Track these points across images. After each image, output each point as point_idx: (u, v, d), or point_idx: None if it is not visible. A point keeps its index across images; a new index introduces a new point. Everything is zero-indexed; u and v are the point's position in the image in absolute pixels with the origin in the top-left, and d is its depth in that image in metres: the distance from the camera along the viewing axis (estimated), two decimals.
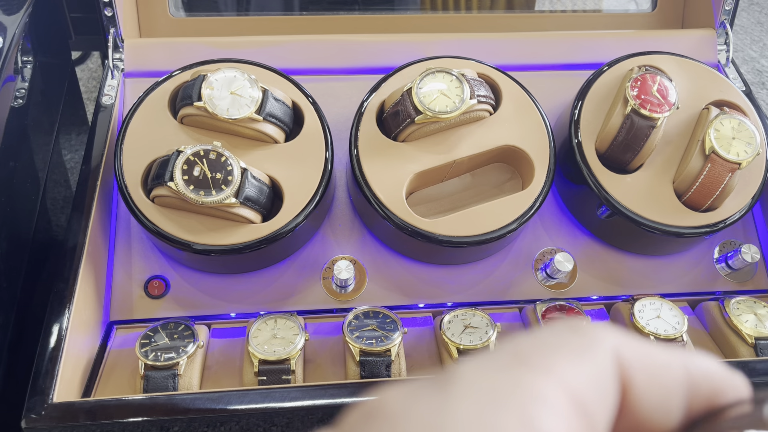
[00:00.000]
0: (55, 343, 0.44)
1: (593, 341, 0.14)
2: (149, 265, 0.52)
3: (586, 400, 0.13)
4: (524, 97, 0.53)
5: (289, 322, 0.47)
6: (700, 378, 0.14)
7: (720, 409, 0.14)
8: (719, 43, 0.63)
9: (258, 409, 0.41)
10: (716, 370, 0.15)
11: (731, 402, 0.14)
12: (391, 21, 0.64)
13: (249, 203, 0.47)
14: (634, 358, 0.14)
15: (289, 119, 0.51)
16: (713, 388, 0.14)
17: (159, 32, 0.61)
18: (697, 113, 0.54)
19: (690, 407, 0.14)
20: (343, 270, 0.50)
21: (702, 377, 0.14)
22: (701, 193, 0.51)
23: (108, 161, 0.53)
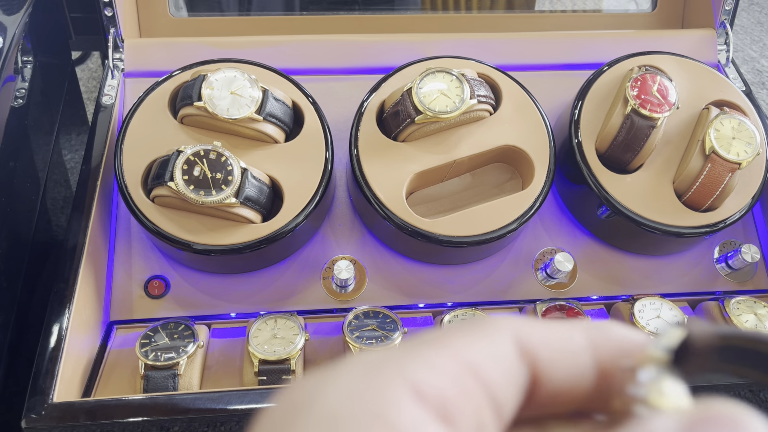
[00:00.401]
0: (56, 343, 0.44)
1: (492, 327, 0.15)
2: (149, 265, 0.52)
3: (484, 371, 0.14)
4: (524, 97, 0.53)
5: (289, 322, 0.47)
6: (605, 341, 0.15)
7: (627, 369, 0.15)
8: (719, 43, 0.63)
9: (258, 409, 0.41)
10: (620, 332, 0.16)
11: (637, 362, 0.15)
12: (391, 21, 0.64)
13: (249, 203, 0.47)
14: (535, 336, 0.15)
15: (289, 119, 0.51)
16: (618, 348, 0.15)
17: (159, 32, 0.61)
18: (697, 113, 0.54)
19: (601, 370, 0.15)
20: (343, 270, 0.50)
21: (606, 340, 0.15)
22: (701, 193, 0.51)
23: (108, 161, 0.53)
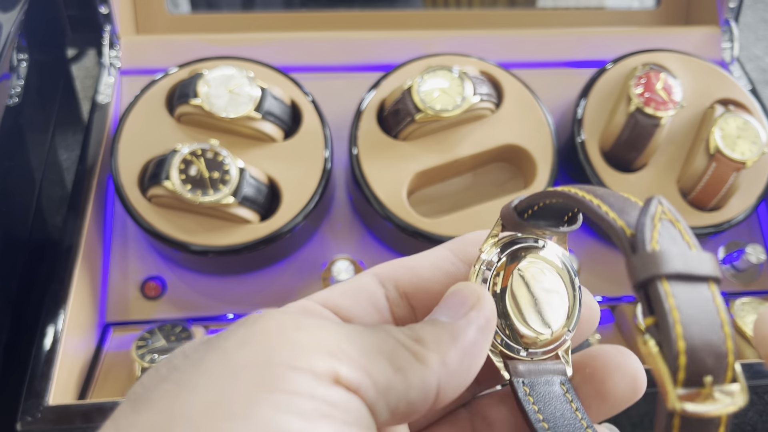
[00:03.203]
0: (51, 345, 0.43)
1: (359, 273, 0.20)
2: (146, 265, 0.51)
3: (327, 300, 0.18)
4: (527, 95, 0.53)
5: None
6: (464, 245, 0.20)
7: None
8: (724, 41, 0.62)
9: None
10: (477, 235, 0.20)
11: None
12: (392, 17, 0.63)
13: (247, 203, 0.46)
14: (393, 267, 0.19)
15: (287, 117, 0.51)
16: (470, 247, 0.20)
17: (156, 29, 0.61)
18: (701, 112, 0.53)
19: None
20: (342, 271, 0.49)
21: (464, 244, 0.20)
22: (706, 193, 0.51)
23: (104, 160, 0.52)
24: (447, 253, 0.20)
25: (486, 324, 0.17)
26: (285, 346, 0.15)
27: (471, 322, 0.17)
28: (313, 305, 0.18)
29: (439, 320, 0.17)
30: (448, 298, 0.18)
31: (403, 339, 0.16)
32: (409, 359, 0.16)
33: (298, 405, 0.14)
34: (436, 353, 0.16)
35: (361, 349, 0.16)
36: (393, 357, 0.16)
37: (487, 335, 0.17)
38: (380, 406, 0.15)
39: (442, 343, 0.17)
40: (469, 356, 0.17)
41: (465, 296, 0.18)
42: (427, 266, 0.20)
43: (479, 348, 0.17)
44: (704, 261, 0.14)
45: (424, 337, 0.17)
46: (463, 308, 0.17)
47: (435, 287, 0.19)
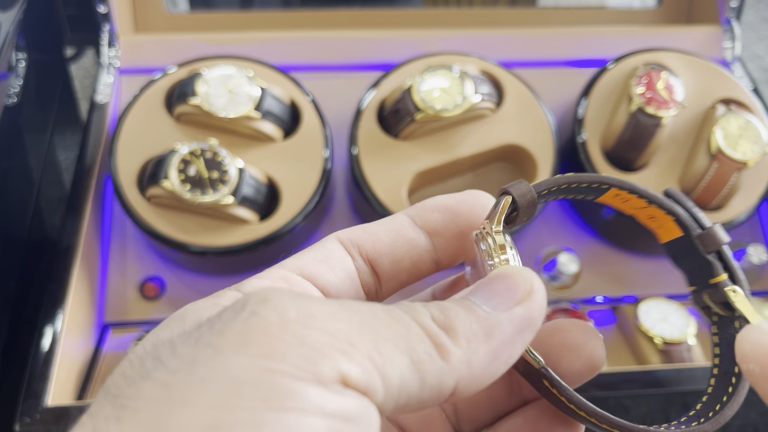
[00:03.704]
0: (49, 345, 0.43)
1: (320, 240, 0.19)
2: (144, 266, 0.51)
3: (308, 269, 0.17)
4: (527, 94, 0.52)
5: None
6: (422, 212, 0.19)
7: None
8: (725, 40, 0.62)
9: None
10: (433, 201, 0.19)
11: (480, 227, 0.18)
12: (392, 16, 0.63)
13: (246, 203, 0.46)
14: (355, 232, 0.19)
15: (287, 117, 0.51)
16: (439, 212, 0.19)
17: (155, 28, 0.61)
18: (703, 111, 0.53)
19: (436, 235, 0.19)
20: None
21: (422, 210, 0.19)
22: (707, 193, 0.50)
23: (103, 160, 0.52)
24: (406, 219, 0.19)
25: (530, 326, 0.15)
26: (290, 349, 0.13)
27: (514, 319, 0.15)
28: (293, 276, 0.17)
29: (476, 306, 0.15)
30: (495, 281, 0.15)
31: (429, 325, 0.14)
32: (430, 353, 0.14)
33: (309, 425, 0.12)
34: (462, 349, 0.14)
35: (376, 341, 0.13)
36: (412, 348, 0.14)
37: (527, 338, 0.15)
38: (389, 404, 0.14)
39: (473, 337, 0.14)
40: (500, 359, 0.15)
41: (514, 285, 0.15)
42: (387, 231, 0.19)
43: (514, 351, 0.15)
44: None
45: (455, 325, 0.14)
46: (508, 299, 0.15)
47: (397, 253, 0.19)
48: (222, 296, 0.16)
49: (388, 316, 0.14)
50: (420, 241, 0.19)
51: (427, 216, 0.19)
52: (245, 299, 0.14)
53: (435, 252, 0.19)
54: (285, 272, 0.17)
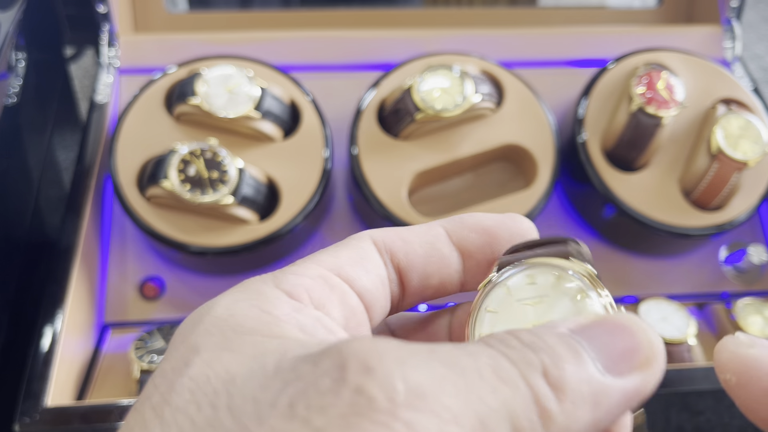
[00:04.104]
0: (49, 345, 0.43)
1: (352, 238, 0.17)
2: (144, 266, 0.51)
3: (344, 269, 0.16)
4: (528, 94, 0.52)
5: None
6: (460, 228, 0.18)
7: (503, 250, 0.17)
8: (726, 40, 0.62)
9: None
10: (473, 218, 0.18)
11: (510, 243, 0.17)
12: (392, 16, 0.63)
13: (246, 203, 0.46)
14: (390, 235, 0.17)
15: (287, 117, 0.50)
16: (475, 231, 0.18)
17: (155, 28, 0.60)
18: (703, 111, 0.53)
19: (466, 254, 0.18)
20: None
21: (461, 227, 0.18)
22: (708, 193, 0.50)
23: (102, 160, 0.52)
24: (443, 233, 0.18)
25: (642, 398, 0.13)
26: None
27: (627, 389, 0.13)
28: (332, 277, 0.16)
29: (588, 359, 0.13)
30: (615, 332, 0.13)
31: (539, 387, 0.12)
32: (533, 420, 0.12)
33: None
34: (566, 415, 0.12)
35: (481, 414, 0.12)
36: (516, 416, 0.12)
37: (632, 407, 0.13)
38: None
39: (580, 402, 0.12)
40: (597, 428, 0.13)
41: (636, 345, 0.13)
42: (422, 243, 0.17)
43: (612, 420, 0.13)
44: None
45: (565, 384, 0.12)
46: (627, 361, 0.13)
47: (428, 269, 0.17)
48: (263, 296, 0.15)
49: (495, 377, 0.12)
50: (452, 260, 0.18)
51: (465, 234, 0.18)
52: (343, 361, 0.12)
53: (464, 274, 0.18)
54: (323, 271, 0.16)
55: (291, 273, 0.16)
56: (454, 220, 0.18)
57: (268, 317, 0.14)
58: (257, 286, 0.15)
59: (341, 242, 0.17)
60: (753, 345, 0.15)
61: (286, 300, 0.15)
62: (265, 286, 0.15)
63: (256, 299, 0.15)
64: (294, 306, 0.15)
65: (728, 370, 0.15)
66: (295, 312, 0.15)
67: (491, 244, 0.18)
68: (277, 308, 0.14)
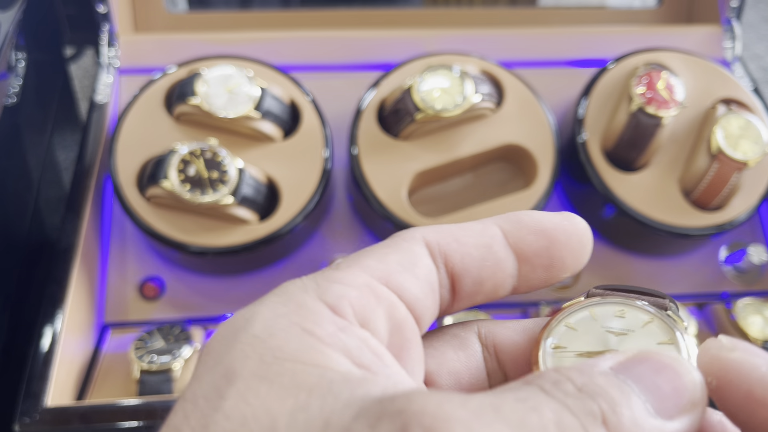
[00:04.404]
0: (49, 346, 0.43)
1: (401, 239, 0.16)
2: (144, 266, 0.51)
3: (393, 277, 0.15)
4: (528, 94, 0.52)
5: None
6: (517, 229, 0.17)
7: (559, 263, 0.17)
8: (725, 40, 0.62)
9: None
10: (530, 218, 0.17)
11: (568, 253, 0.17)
12: (392, 16, 0.63)
13: (246, 203, 0.46)
14: (443, 236, 0.16)
15: (287, 117, 0.50)
16: (532, 232, 0.17)
17: (154, 28, 0.60)
18: (703, 111, 0.53)
19: (522, 256, 0.17)
20: None
21: (518, 228, 0.17)
22: (708, 193, 0.50)
23: (102, 160, 0.52)
24: (499, 234, 0.16)
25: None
26: None
27: (675, 431, 0.13)
28: (379, 287, 0.15)
29: (638, 401, 0.13)
30: (662, 372, 0.13)
31: None
32: None
33: None
34: None
35: None
36: None
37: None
38: None
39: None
40: None
41: (682, 387, 0.13)
42: (478, 246, 0.16)
43: None
44: None
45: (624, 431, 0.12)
46: (674, 403, 0.13)
47: (483, 274, 0.16)
48: (305, 311, 0.14)
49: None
50: (508, 264, 0.16)
51: (523, 236, 0.17)
52: (404, 424, 0.11)
53: (517, 279, 0.17)
54: (369, 279, 0.15)
55: (335, 281, 0.14)
56: (511, 219, 0.17)
57: (310, 339, 0.13)
58: (299, 296, 0.14)
59: (389, 242, 0.16)
60: (734, 348, 0.15)
61: (329, 316, 0.14)
62: (307, 298, 0.14)
63: (298, 314, 0.14)
64: (338, 324, 0.14)
65: (709, 373, 0.15)
66: (339, 332, 0.14)
67: (548, 248, 0.17)
68: (320, 327, 0.13)
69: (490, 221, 0.17)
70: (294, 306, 0.14)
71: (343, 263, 0.15)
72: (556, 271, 0.17)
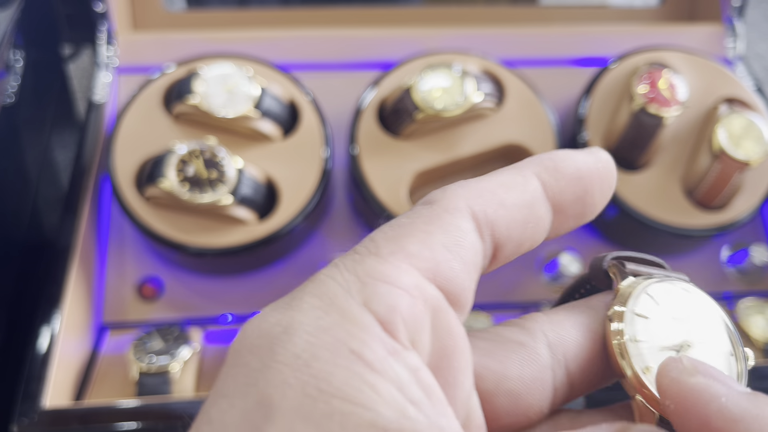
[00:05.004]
0: (47, 346, 0.43)
1: (444, 207, 0.14)
2: (143, 266, 0.51)
3: (443, 269, 0.13)
4: (529, 93, 0.52)
5: None
6: (557, 180, 0.15)
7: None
8: (728, 39, 0.61)
9: None
10: (570, 166, 0.15)
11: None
12: (392, 14, 0.62)
13: (245, 203, 0.46)
14: (490, 206, 0.14)
15: (286, 116, 0.50)
16: (572, 180, 0.15)
17: (153, 27, 0.60)
18: (705, 110, 0.53)
19: (560, 212, 0.15)
20: None
21: (558, 178, 0.15)
22: (710, 193, 0.50)
23: (101, 160, 0.52)
24: (539, 189, 0.15)
25: None
26: None
27: None
28: (428, 289, 0.13)
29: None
30: None
31: None
32: None
33: None
34: None
35: None
36: None
37: None
38: None
39: None
40: None
41: None
42: (521, 207, 0.15)
43: None
44: None
45: None
46: None
47: (523, 236, 0.15)
48: (351, 324, 0.12)
49: None
50: (545, 220, 0.15)
51: (562, 187, 0.15)
52: None
53: (549, 232, 0.16)
54: (418, 278, 0.13)
55: (382, 280, 0.13)
56: (549, 168, 0.15)
57: (359, 367, 0.12)
58: (342, 301, 0.12)
59: (429, 213, 0.14)
60: (695, 373, 0.14)
61: (379, 334, 0.12)
62: (352, 305, 0.12)
63: (343, 329, 0.12)
64: (389, 346, 0.12)
65: (667, 396, 0.14)
66: (390, 356, 0.12)
67: (583, 197, 0.16)
68: (370, 348, 0.12)
69: (529, 170, 0.15)
70: (338, 316, 0.12)
71: (383, 243, 0.13)
72: (585, 218, 0.16)
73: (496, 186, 0.15)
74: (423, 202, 0.15)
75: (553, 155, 0.16)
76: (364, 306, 0.12)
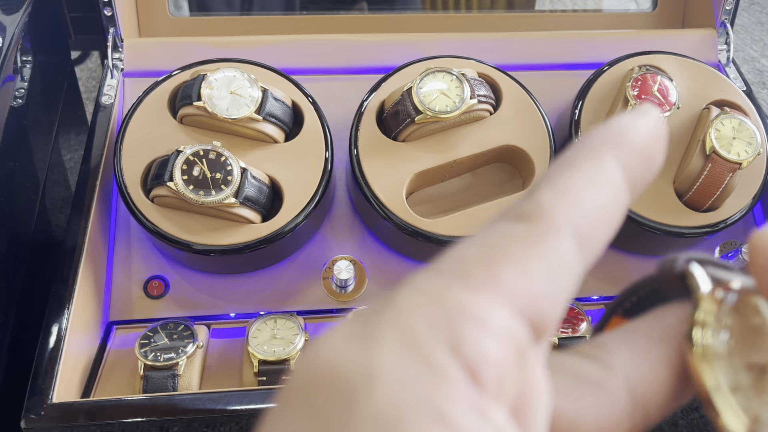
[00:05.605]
0: (55, 343, 0.43)
1: (544, 227, 0.12)
2: (149, 265, 0.52)
3: (534, 311, 0.11)
4: (524, 96, 0.53)
5: (288, 323, 0.47)
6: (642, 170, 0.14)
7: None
8: (720, 43, 0.62)
9: (258, 410, 0.40)
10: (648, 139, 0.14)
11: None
12: (392, 20, 0.63)
13: (249, 203, 0.47)
14: (590, 219, 0.13)
15: (288, 119, 0.51)
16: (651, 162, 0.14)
17: (158, 32, 0.61)
18: (697, 113, 0.54)
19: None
20: (343, 270, 0.50)
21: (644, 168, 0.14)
22: (702, 193, 0.51)
23: (107, 161, 0.53)
24: (622, 177, 0.13)
25: None
26: None
27: None
28: (523, 337, 0.11)
29: None
30: None
31: None
32: None
33: None
34: None
35: None
36: None
37: None
38: None
39: None
40: None
41: None
42: (609, 204, 0.13)
43: None
44: None
45: None
46: None
47: (609, 239, 0.13)
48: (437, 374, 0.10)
49: None
50: (626, 208, 0.14)
51: (641, 175, 0.14)
52: None
53: None
54: (513, 324, 0.11)
55: (473, 320, 0.11)
56: (623, 145, 0.13)
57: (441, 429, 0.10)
58: (428, 343, 0.11)
59: (528, 233, 0.12)
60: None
61: (465, 391, 0.11)
62: (439, 349, 0.11)
63: (429, 380, 0.10)
64: (476, 405, 0.10)
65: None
66: (476, 418, 0.10)
67: (651, 167, 0.14)
68: (456, 408, 0.10)
69: (608, 156, 0.13)
70: (423, 362, 0.10)
71: (475, 268, 0.12)
72: (645, 186, 0.14)
73: (584, 185, 0.13)
74: (515, 216, 0.13)
75: (622, 129, 0.14)
76: (451, 351, 0.11)
